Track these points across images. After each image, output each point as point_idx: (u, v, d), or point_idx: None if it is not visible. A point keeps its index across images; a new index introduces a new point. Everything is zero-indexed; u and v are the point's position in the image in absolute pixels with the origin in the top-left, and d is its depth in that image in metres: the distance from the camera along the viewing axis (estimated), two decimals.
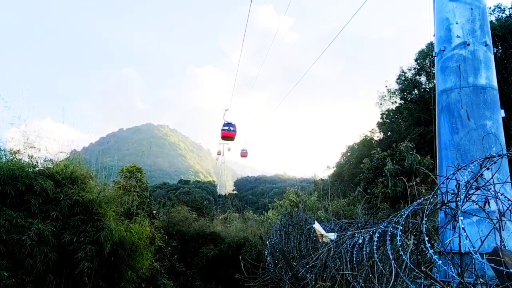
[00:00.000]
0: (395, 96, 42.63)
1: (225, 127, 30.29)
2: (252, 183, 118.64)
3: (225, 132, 30.35)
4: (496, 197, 3.23)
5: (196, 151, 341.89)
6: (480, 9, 9.76)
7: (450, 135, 9.17)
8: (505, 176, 7.75)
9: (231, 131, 30.24)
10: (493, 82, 9.31)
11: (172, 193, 59.27)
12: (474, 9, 9.74)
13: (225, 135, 30.65)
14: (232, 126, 30.31)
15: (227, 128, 30.19)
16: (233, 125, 30.36)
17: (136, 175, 17.39)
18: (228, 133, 30.39)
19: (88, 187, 10.79)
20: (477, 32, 9.55)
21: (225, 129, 30.28)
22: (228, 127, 30.19)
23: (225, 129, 30.28)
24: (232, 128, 30.27)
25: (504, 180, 7.61)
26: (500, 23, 29.84)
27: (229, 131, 30.25)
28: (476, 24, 9.63)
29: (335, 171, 52.52)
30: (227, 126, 30.23)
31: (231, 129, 30.23)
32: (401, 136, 35.40)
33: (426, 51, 35.41)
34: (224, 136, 30.93)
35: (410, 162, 22.67)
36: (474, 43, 9.44)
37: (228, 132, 30.31)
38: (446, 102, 9.53)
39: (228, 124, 30.27)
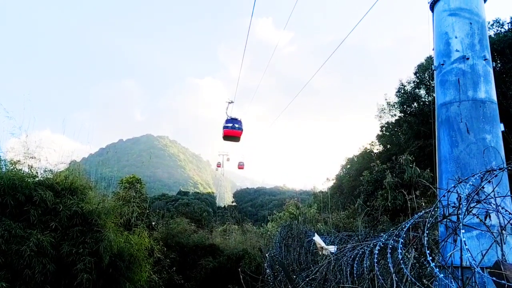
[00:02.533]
0: (395, 109, 42.78)
1: (228, 123, 24.76)
2: (252, 195, 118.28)
3: (228, 130, 24.75)
4: (497, 210, 3.24)
5: (195, 162, 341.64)
6: (479, 24, 9.86)
7: (449, 148, 9.19)
8: (505, 190, 7.75)
9: (235, 128, 24.72)
10: (493, 96, 9.37)
11: (171, 205, 59.13)
12: (473, 23, 9.84)
13: (228, 134, 24.88)
14: (237, 123, 24.77)
15: (231, 126, 24.71)
16: (238, 121, 24.83)
17: (135, 186, 17.38)
18: (231, 131, 24.76)
19: (88, 198, 10.78)
20: (476, 46, 9.63)
21: (228, 126, 24.71)
22: (232, 123, 24.72)
23: (228, 127, 24.71)
24: (237, 125, 24.75)
25: (504, 193, 7.63)
26: (499, 38, 30.09)
27: (233, 129, 24.73)
28: (475, 39, 9.71)
29: (335, 183, 52.51)
30: (231, 122, 24.77)
31: (236, 126, 24.74)
32: (401, 149, 35.44)
33: (425, 65, 35.63)
34: (227, 135, 25.05)
35: (410, 175, 22.67)
36: (473, 57, 9.51)
37: (232, 130, 24.74)
38: (446, 115, 9.57)
39: (232, 120, 24.83)
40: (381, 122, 44.73)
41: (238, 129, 24.76)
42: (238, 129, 24.76)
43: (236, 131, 24.73)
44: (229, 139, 25.74)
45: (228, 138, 25.32)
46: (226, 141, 26.24)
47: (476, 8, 9.92)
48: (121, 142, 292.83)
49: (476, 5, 9.95)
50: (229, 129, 24.63)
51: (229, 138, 25.34)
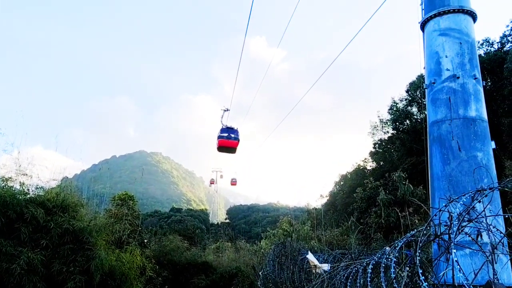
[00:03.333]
0: (387, 126, 43.06)
1: (223, 133, 22.47)
2: (245, 211, 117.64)
3: (223, 140, 22.38)
4: (488, 229, 3.26)
5: (188, 179, 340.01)
6: (469, 44, 10.04)
7: (442, 166, 9.28)
8: (497, 208, 7.81)
9: (231, 138, 22.47)
10: (483, 114, 9.50)
11: (164, 222, 58.62)
12: (463, 43, 10.02)
13: (223, 145, 22.52)
14: (233, 132, 22.61)
15: (226, 135, 22.42)
16: (234, 131, 22.69)
17: (128, 203, 17.26)
18: (227, 142, 22.44)
19: (79, 215, 10.69)
20: (466, 65, 9.80)
21: (223, 136, 22.40)
22: (227, 133, 22.45)
23: (223, 137, 22.39)
24: (233, 135, 22.55)
25: (496, 211, 7.68)
26: (489, 57, 30.61)
27: (228, 139, 22.43)
28: (465, 58, 9.89)
29: (329, 200, 52.42)
30: (226, 132, 22.49)
31: (232, 136, 22.51)
32: (394, 165, 35.58)
33: (417, 83, 36.03)
34: (222, 146, 22.69)
35: (403, 192, 22.71)
36: (463, 76, 9.67)
37: (227, 141, 22.41)
38: (438, 133, 9.68)
39: (228, 130, 22.58)
40: (374, 139, 44.97)
41: (234, 139, 22.47)
42: (234, 139, 22.47)
43: (232, 141, 22.43)
44: (224, 150, 23.33)
45: (223, 149, 22.97)
46: (221, 152, 23.74)
47: (465, 28, 10.13)
48: (114, 158, 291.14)
49: (466, 25, 10.16)
50: (224, 139, 22.30)
51: (224, 149, 22.97)
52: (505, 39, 31.45)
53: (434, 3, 10.57)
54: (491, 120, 13.37)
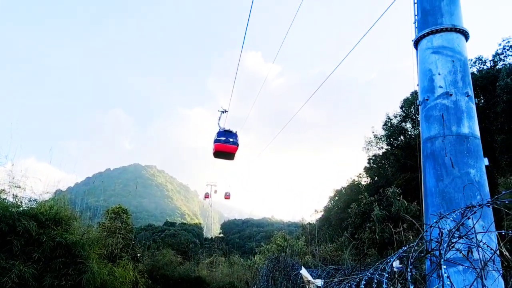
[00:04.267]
0: (382, 142, 43.31)
1: (220, 137, 20.05)
2: (239, 226, 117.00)
3: (220, 144, 19.97)
4: (477, 245, 3.30)
5: (183, 192, 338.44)
6: (461, 62, 10.20)
7: (435, 182, 9.34)
8: (490, 224, 7.85)
9: (229, 143, 19.98)
10: (476, 131, 9.61)
11: (157, 235, 58.13)
12: (455, 61, 10.18)
13: (220, 149, 20.10)
14: (232, 136, 20.12)
15: (224, 139, 19.96)
16: (233, 135, 20.19)
17: (121, 217, 17.14)
18: (224, 146, 19.95)
19: (72, 228, 10.63)
20: (459, 83, 9.94)
21: (220, 140, 19.99)
22: (225, 137, 20.00)
23: (221, 141, 19.97)
24: (231, 138, 20.05)
25: (488, 227, 7.72)
26: (481, 75, 31.06)
27: (226, 143, 19.93)
28: (458, 76, 10.04)
29: (323, 215, 52.31)
30: (224, 135, 20.02)
31: (230, 140, 20.03)
32: (388, 181, 35.67)
33: (410, 99, 36.38)
34: (219, 151, 20.28)
35: (397, 207, 22.76)
36: (456, 93, 9.81)
37: (224, 145, 19.93)
38: (431, 149, 9.77)
39: (226, 133, 20.11)
40: (369, 155, 45.16)
41: (232, 144, 19.99)
42: (232, 144, 19.99)
43: (230, 146, 19.96)
44: (222, 156, 21.03)
45: (220, 154, 20.67)
46: (217, 158, 21.39)
47: (458, 46, 10.30)
48: (108, 171, 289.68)
49: (458, 44, 10.34)
50: (221, 144, 19.87)
51: (221, 154, 20.67)
52: (497, 58, 31.95)
53: (427, 22, 10.75)
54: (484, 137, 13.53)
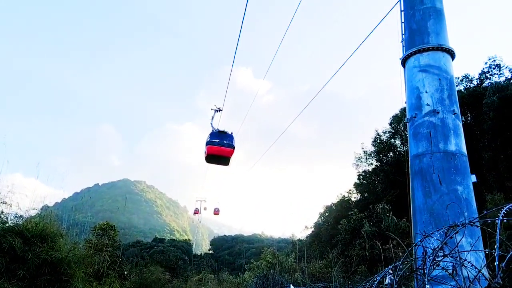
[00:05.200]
0: (371, 158, 43.54)
1: (214, 138, 17.51)
2: (229, 242, 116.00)
3: (213, 147, 17.32)
4: (461, 264, 3.32)
5: (172, 208, 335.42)
6: (447, 80, 10.39)
7: (423, 199, 9.41)
8: (479, 241, 7.90)
9: (224, 145, 17.38)
10: (463, 148, 9.74)
11: (145, 252, 57.40)
12: (442, 79, 10.36)
13: (213, 152, 17.39)
14: (227, 138, 17.59)
15: (218, 141, 17.40)
16: (228, 136, 17.69)
17: (109, 233, 16.97)
18: (218, 149, 17.33)
19: (58, 245, 10.46)
20: (445, 101, 10.11)
21: (213, 142, 17.39)
22: (219, 139, 17.46)
23: (214, 142, 17.37)
24: (226, 141, 17.48)
25: (477, 245, 7.77)
26: (469, 92, 31.57)
27: (221, 146, 17.33)
28: (444, 94, 10.21)
29: (313, 231, 52.12)
30: (217, 137, 17.54)
31: (225, 142, 17.45)
32: (378, 197, 35.77)
33: (399, 116, 36.77)
34: (212, 155, 17.56)
35: (387, 224, 22.83)
36: (443, 111, 9.96)
37: (218, 148, 17.31)
38: (419, 166, 9.87)
39: (220, 134, 17.62)
40: (358, 171, 45.31)
41: (228, 146, 17.44)
42: (228, 146, 17.44)
43: (225, 148, 17.38)
44: (215, 161, 18.48)
45: (213, 159, 18.02)
46: (210, 163, 18.95)
47: (444, 65, 10.50)
48: (96, 187, 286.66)
49: (445, 62, 10.54)
50: (214, 146, 17.22)
51: (215, 159, 18.02)
52: (483, 76, 32.55)
53: (414, 41, 10.97)
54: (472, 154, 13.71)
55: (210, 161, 18.47)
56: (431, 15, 10.89)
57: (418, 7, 11.12)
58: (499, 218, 3.03)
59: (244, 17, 10.72)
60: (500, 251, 2.95)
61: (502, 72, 31.40)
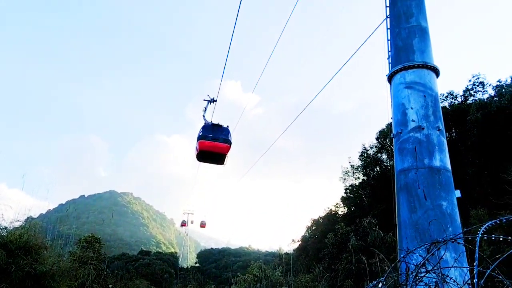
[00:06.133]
0: (358, 172, 43.86)
1: (206, 132, 15.25)
2: (216, 255, 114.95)
3: (206, 142, 15.06)
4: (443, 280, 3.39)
5: (159, 221, 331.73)
6: (432, 97, 10.60)
7: (408, 214, 9.52)
8: (462, 256, 8.01)
9: (219, 140, 15.15)
10: (447, 164, 9.91)
11: (131, 265, 56.55)
12: (427, 96, 10.57)
13: (206, 149, 15.15)
14: (222, 132, 15.35)
15: (211, 136, 15.14)
16: (224, 130, 15.44)
17: (94, 246, 16.78)
18: (212, 145, 15.07)
19: (42, 258, 10.33)
20: (430, 117, 10.30)
21: (207, 136, 15.13)
22: (212, 133, 15.20)
23: (208, 137, 15.11)
24: (222, 136, 15.25)
25: (461, 260, 7.88)
26: (453, 109, 32.15)
27: (215, 141, 15.10)
28: (429, 110, 10.41)
29: (301, 244, 52.10)
30: (210, 131, 15.29)
31: (220, 137, 15.20)
32: (365, 211, 35.95)
33: (386, 131, 37.19)
34: (204, 151, 15.27)
35: (373, 238, 22.92)
36: (428, 127, 10.15)
37: (212, 143, 15.06)
38: (405, 181, 9.99)
39: (214, 128, 15.42)
40: (346, 185, 45.58)
41: (223, 142, 15.18)
42: (223, 142, 15.18)
43: (220, 144, 15.10)
44: (208, 159, 16.08)
45: (206, 156, 15.66)
46: (202, 162, 16.53)
47: (429, 82, 10.72)
48: (82, 198, 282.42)
49: (429, 80, 10.76)
50: (208, 141, 14.98)
51: (208, 156, 15.70)
52: (467, 93, 33.19)
53: (400, 58, 11.20)
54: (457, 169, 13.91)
55: (202, 159, 16.06)
56: (417, 33, 11.14)
57: (404, 25, 11.36)
58: (478, 235, 3.11)
59: (234, 30, 10.87)
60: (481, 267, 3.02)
61: (485, 90, 32.08)
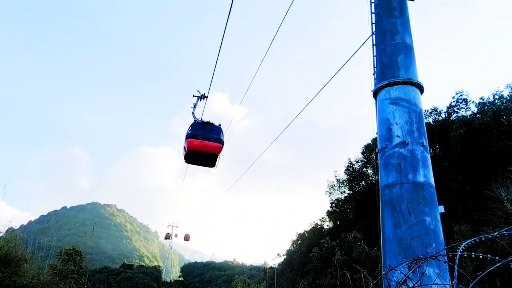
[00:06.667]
0: (344, 186, 44.06)
1: (195, 130, 13.84)
2: (200, 269, 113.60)
3: (196, 141, 13.67)
4: None
5: (143, 233, 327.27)
6: (417, 113, 10.75)
7: (393, 229, 9.56)
8: (445, 272, 8.06)
9: (210, 139, 13.73)
10: (431, 180, 10.01)
11: (113, 279, 55.55)
12: (411, 112, 10.72)
13: (195, 148, 13.71)
14: (214, 131, 13.94)
15: (201, 134, 13.73)
16: (215, 128, 14.05)
17: (75, 259, 16.49)
18: (202, 144, 13.66)
19: (22, 270, 10.11)
20: (415, 133, 10.43)
21: (196, 134, 13.74)
22: (202, 132, 13.79)
23: (197, 135, 13.72)
24: (213, 135, 13.79)
25: (443, 275, 7.92)
26: (437, 125, 32.68)
27: (205, 140, 13.71)
28: (414, 126, 10.54)
29: (286, 259, 51.88)
30: (201, 129, 13.87)
31: (212, 136, 13.79)
32: (350, 225, 36.03)
33: (371, 145, 37.55)
34: (194, 151, 13.82)
35: (358, 253, 22.97)
36: (412, 143, 10.27)
37: (202, 142, 13.66)
38: (389, 196, 10.06)
39: (204, 126, 13.98)
40: (331, 199, 45.71)
41: (215, 141, 13.79)
42: (215, 141, 13.79)
43: (212, 143, 13.68)
44: (197, 160, 14.62)
45: (195, 157, 14.23)
46: (190, 164, 15.02)
47: (413, 98, 10.88)
48: (64, 210, 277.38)
49: (414, 96, 10.92)
50: (198, 140, 13.55)
51: (197, 157, 14.19)
52: (451, 109, 33.80)
53: (385, 74, 11.35)
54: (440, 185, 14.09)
55: (191, 160, 14.60)
56: (402, 50, 11.33)
57: (389, 42, 11.55)
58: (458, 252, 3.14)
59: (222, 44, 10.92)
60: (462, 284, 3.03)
61: (468, 107, 32.70)
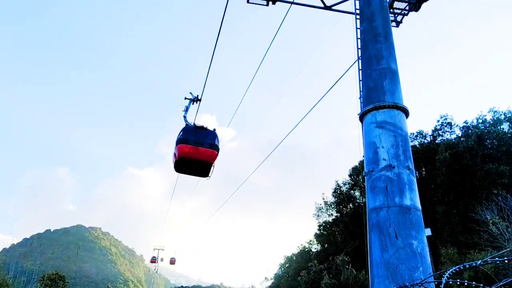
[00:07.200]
0: (332, 209, 44.07)
1: (187, 135, 12.63)
2: None
3: (188, 147, 12.44)
4: None
5: (128, 257, 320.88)
6: (402, 137, 10.90)
7: (380, 253, 9.54)
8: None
9: (205, 145, 12.53)
10: (417, 203, 10.07)
11: None
12: (397, 136, 10.85)
13: (187, 155, 12.44)
14: (208, 136, 12.72)
15: (194, 139, 12.50)
16: (210, 134, 12.83)
17: (57, 284, 16.12)
18: (195, 150, 12.40)
19: None
20: (401, 156, 10.54)
21: (188, 140, 12.57)
22: (195, 136, 12.58)
23: (189, 141, 12.51)
24: (208, 141, 12.55)
25: None
26: (423, 148, 33.13)
27: (199, 145, 12.47)
28: (399, 149, 10.67)
29: (273, 282, 51.34)
30: (193, 134, 12.62)
31: (206, 142, 12.59)
32: (338, 248, 35.90)
33: (358, 168, 37.79)
34: (185, 158, 12.54)
35: (346, 276, 22.83)
36: (398, 166, 10.36)
37: (195, 148, 12.41)
38: (376, 219, 10.07)
39: (197, 131, 12.75)
40: (319, 221, 45.64)
41: (209, 147, 12.59)
42: (209, 147, 12.59)
43: (206, 150, 12.48)
44: (189, 169, 13.26)
45: (187, 165, 12.93)
46: (181, 172, 13.55)
47: (399, 122, 11.04)
48: (48, 233, 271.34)
49: (399, 120, 11.09)
50: (190, 146, 12.30)
51: (189, 165, 12.91)
52: (436, 133, 34.36)
53: (371, 98, 11.50)
54: (427, 208, 14.21)
55: (182, 169, 13.20)
56: (387, 75, 11.53)
57: (375, 67, 11.75)
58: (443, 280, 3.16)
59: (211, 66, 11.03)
60: None
61: (453, 130, 33.30)
